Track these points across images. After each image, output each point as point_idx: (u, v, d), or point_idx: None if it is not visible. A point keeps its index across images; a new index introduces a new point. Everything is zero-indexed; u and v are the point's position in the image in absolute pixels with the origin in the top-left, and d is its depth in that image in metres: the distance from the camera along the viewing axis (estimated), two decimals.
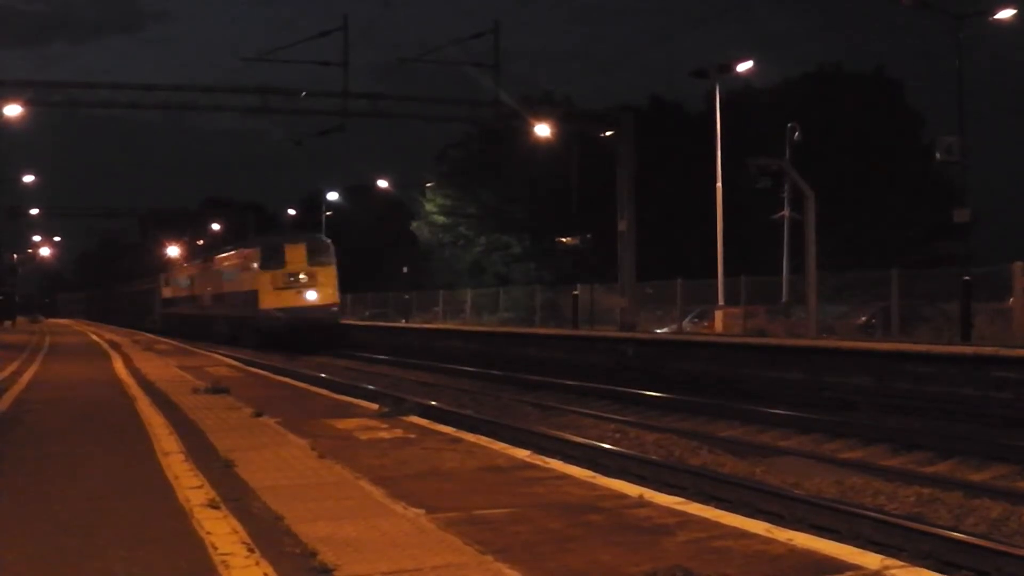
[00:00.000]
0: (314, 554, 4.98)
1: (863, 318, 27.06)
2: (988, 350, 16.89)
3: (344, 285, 65.91)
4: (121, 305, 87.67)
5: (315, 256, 40.32)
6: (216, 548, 5.14)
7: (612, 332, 30.45)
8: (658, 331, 31.55)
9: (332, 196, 70.41)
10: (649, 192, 39.24)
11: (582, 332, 32.39)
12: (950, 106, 39.19)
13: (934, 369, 17.18)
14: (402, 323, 50.32)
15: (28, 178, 57.20)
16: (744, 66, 33.30)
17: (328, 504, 6.28)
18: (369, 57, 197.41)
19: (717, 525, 5.72)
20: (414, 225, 63.90)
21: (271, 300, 39.18)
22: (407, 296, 54.81)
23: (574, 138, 39.50)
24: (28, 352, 28.03)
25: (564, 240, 41.00)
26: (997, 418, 15.43)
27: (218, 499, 6.38)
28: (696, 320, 32.87)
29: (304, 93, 31.75)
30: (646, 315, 33.64)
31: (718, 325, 29.40)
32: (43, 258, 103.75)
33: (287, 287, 39.42)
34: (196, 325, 50.40)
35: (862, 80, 51.53)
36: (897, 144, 48.39)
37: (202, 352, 31.88)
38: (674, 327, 31.71)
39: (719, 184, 31.42)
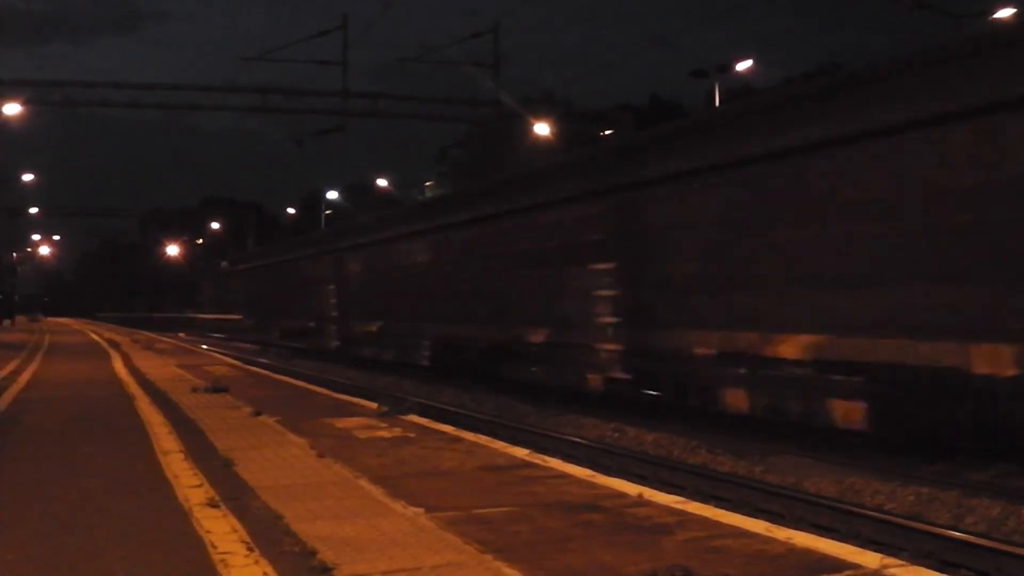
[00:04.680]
0: (313, 553, 4.98)
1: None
2: None
3: None
4: None
5: None
6: (215, 547, 5.14)
7: None
8: None
9: (332, 195, 70.45)
10: None
11: None
12: None
13: None
14: None
15: (28, 177, 57.22)
16: (743, 65, 33.35)
17: (328, 503, 6.28)
18: (369, 57, 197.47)
19: (717, 524, 5.72)
20: None
21: None
22: None
23: (574, 137, 39.53)
24: (27, 351, 28.03)
25: None
26: None
27: (217, 498, 6.38)
28: None
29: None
30: None
31: None
32: (43, 257, 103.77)
33: None
34: None
35: None
36: None
37: (202, 351, 31.91)
38: None
39: None
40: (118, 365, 21.85)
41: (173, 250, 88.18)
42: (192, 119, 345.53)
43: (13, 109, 30.11)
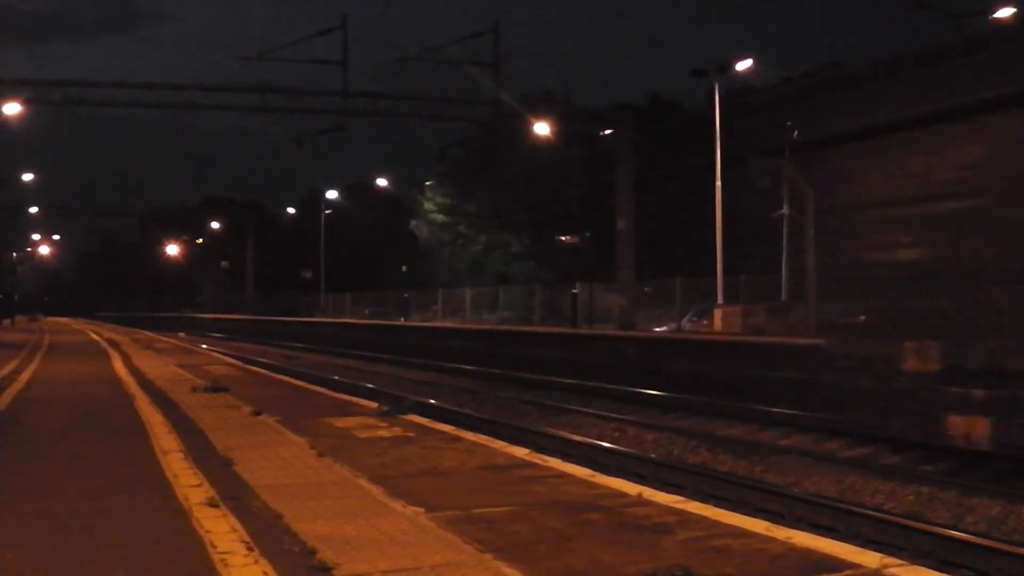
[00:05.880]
0: (313, 552, 4.98)
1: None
2: None
3: (343, 284, 65.69)
4: None
5: None
6: (215, 547, 5.14)
7: (611, 331, 30.50)
8: (657, 329, 31.60)
9: (332, 195, 70.46)
10: (648, 190, 39.29)
11: (582, 331, 32.42)
12: None
13: None
14: (401, 322, 50.37)
15: (28, 177, 57.24)
16: (743, 65, 33.32)
17: (327, 503, 6.28)
18: (369, 57, 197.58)
19: (716, 524, 5.71)
20: (413, 224, 63.90)
21: None
22: (406, 295, 54.86)
23: (574, 137, 39.53)
24: (27, 351, 28.03)
25: (563, 239, 41.03)
26: None
27: (217, 498, 6.38)
28: (695, 319, 32.86)
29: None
30: (645, 314, 33.71)
31: (717, 324, 29.43)
32: (43, 257, 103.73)
33: None
34: None
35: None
36: None
37: (201, 351, 31.90)
38: (673, 326, 31.75)
39: (718, 183, 31.48)
40: (118, 364, 21.84)
41: (173, 250, 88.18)
42: (192, 119, 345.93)
43: (13, 109, 30.12)
